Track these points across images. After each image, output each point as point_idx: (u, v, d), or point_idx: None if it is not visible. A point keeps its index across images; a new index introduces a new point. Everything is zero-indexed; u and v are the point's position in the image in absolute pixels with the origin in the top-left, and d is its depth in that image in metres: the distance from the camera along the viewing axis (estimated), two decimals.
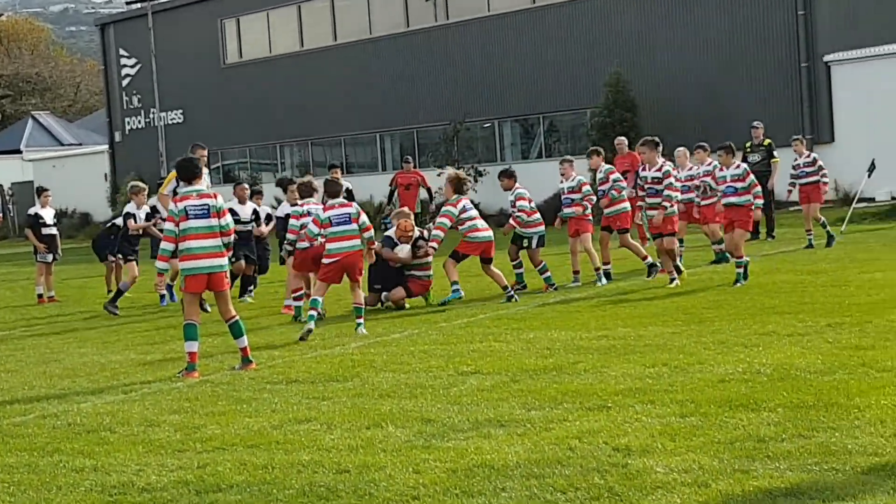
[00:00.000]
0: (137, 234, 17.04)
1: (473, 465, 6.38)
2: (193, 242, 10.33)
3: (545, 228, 15.84)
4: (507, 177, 15.74)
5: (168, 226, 10.56)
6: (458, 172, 15.18)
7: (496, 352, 10.40)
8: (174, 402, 8.95)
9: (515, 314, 13.20)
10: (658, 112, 30.38)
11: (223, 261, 10.50)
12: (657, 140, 15.32)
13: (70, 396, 9.62)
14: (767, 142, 21.42)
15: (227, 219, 10.57)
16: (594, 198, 16.05)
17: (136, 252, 17.15)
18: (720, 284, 14.47)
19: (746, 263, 14.39)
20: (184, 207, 10.38)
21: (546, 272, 15.41)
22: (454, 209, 14.58)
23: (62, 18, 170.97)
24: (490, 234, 14.78)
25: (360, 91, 38.03)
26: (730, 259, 15.37)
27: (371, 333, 12.34)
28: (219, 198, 10.60)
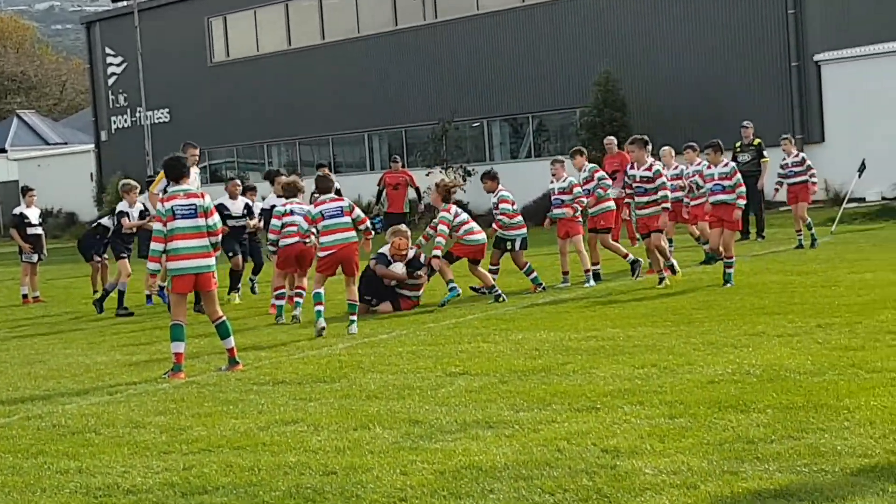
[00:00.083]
0: (131, 233, 16.99)
1: (461, 467, 6.35)
2: (180, 242, 10.29)
3: (527, 231, 15.80)
4: (490, 179, 15.70)
5: (156, 226, 10.51)
6: (448, 182, 15.28)
7: (484, 353, 10.37)
8: (160, 404, 8.91)
9: (504, 315, 13.17)
10: (648, 112, 30.38)
11: (211, 261, 10.46)
12: (646, 139, 15.30)
13: (55, 398, 9.57)
14: (757, 141, 21.44)
15: (215, 218, 10.53)
16: (585, 200, 16.02)
17: (129, 250, 17.12)
18: (710, 285, 14.47)
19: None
20: (171, 207, 10.34)
21: (532, 273, 15.39)
22: (448, 215, 14.73)
23: (47, 16, 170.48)
24: (484, 237, 15.01)
25: (349, 90, 37.97)
26: (720, 258, 15.34)
27: (359, 334, 12.32)
28: (206, 197, 10.57)
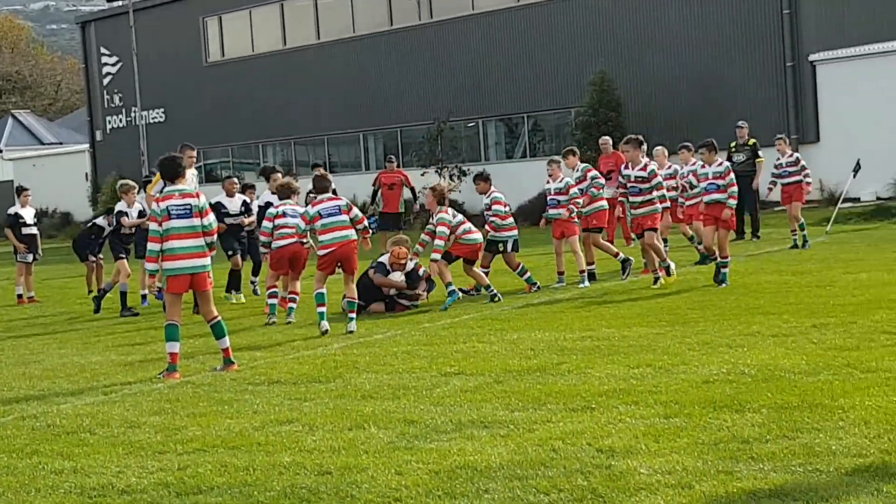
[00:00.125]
0: (130, 233, 16.96)
1: (456, 467, 6.35)
2: (176, 242, 10.28)
3: (518, 232, 15.81)
4: (483, 180, 15.70)
5: (152, 226, 10.49)
6: (443, 186, 15.33)
7: (480, 353, 10.37)
8: (155, 404, 8.89)
9: (499, 315, 13.17)
10: (643, 112, 30.41)
11: (206, 261, 10.45)
12: (641, 139, 15.29)
13: (50, 397, 9.55)
14: (752, 141, 21.45)
15: (210, 218, 10.52)
16: (580, 201, 16.01)
17: (128, 251, 17.10)
18: (705, 285, 14.48)
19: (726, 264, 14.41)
20: (166, 207, 10.32)
21: (526, 273, 15.39)
22: (448, 216, 14.76)
23: (43, 16, 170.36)
24: (481, 237, 15.04)
25: (344, 90, 37.96)
26: (713, 259, 15.34)
27: (354, 334, 12.30)
28: (202, 197, 10.55)
